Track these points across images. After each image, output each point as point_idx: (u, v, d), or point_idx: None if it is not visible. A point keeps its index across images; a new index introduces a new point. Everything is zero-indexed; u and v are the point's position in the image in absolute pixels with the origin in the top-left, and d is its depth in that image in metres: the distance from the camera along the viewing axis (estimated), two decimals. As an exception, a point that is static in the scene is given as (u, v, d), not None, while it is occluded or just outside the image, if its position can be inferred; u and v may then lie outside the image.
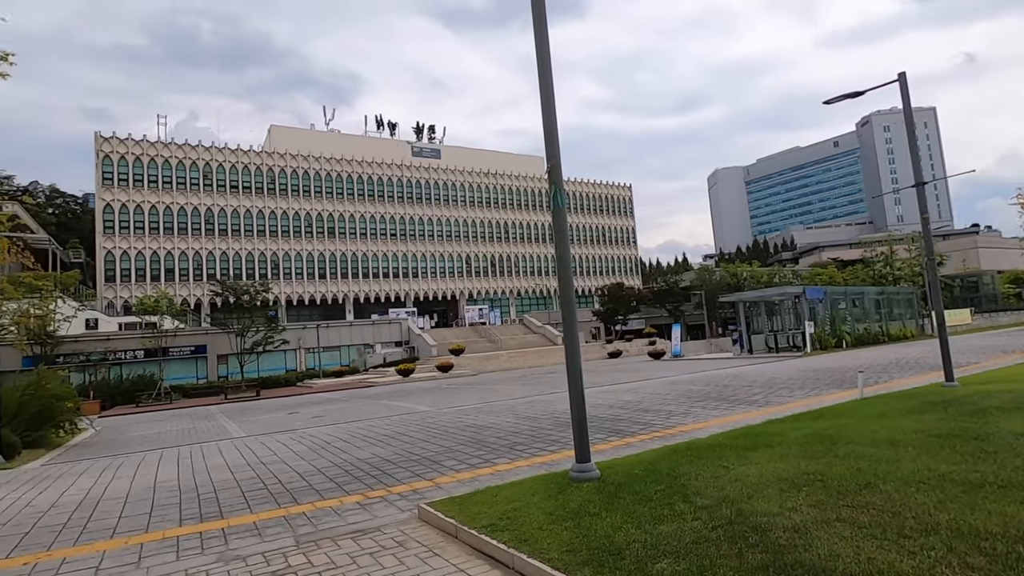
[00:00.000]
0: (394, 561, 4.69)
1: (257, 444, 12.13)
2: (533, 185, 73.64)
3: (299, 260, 58.46)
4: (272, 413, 20.32)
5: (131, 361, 38.35)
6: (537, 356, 43.53)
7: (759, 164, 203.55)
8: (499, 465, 8.04)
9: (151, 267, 52.16)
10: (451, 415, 14.37)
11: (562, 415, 12.51)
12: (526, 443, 9.49)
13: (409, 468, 8.27)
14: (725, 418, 10.29)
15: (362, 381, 35.26)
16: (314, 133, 64.60)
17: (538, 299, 71.37)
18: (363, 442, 11.02)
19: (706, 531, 3.96)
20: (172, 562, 5.08)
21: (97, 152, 51.34)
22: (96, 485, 8.80)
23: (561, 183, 6.28)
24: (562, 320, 6.30)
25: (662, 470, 5.71)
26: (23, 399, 14.00)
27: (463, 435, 10.86)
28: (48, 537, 6.06)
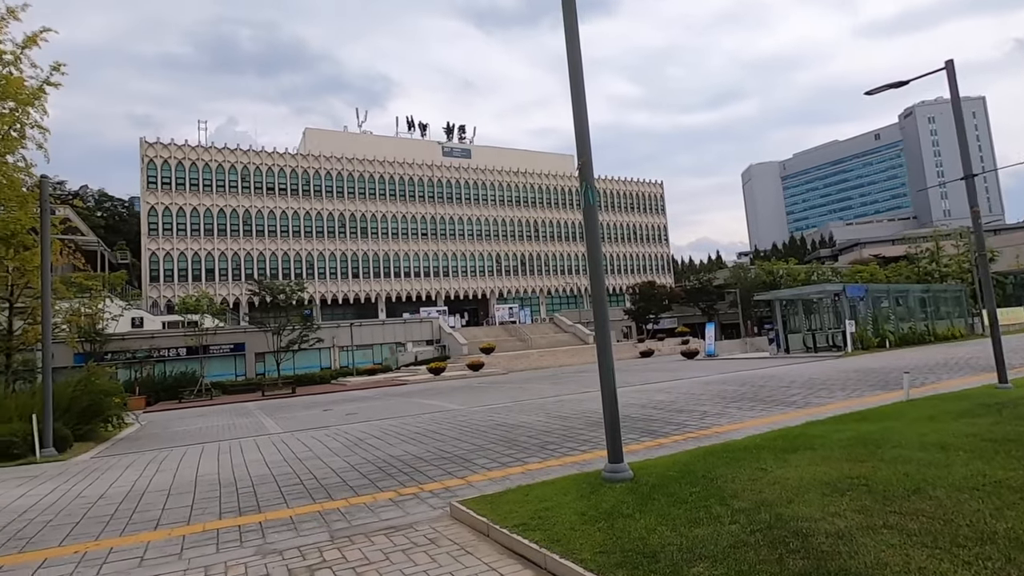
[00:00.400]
0: (426, 559, 4.70)
1: (293, 440, 12.38)
2: (563, 183, 73.33)
3: (333, 260, 59.54)
4: (307, 410, 20.73)
5: (174, 358, 39.69)
6: (567, 355, 43.34)
7: (795, 159, 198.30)
8: (530, 464, 8.01)
9: (192, 268, 53.88)
10: (482, 413, 14.41)
11: (593, 414, 12.40)
12: (557, 442, 9.44)
13: (441, 466, 8.31)
14: (762, 419, 10.03)
15: (394, 379, 35.69)
16: (347, 135, 65.68)
17: (568, 298, 71.07)
18: (395, 439, 11.13)
19: (744, 535, 3.85)
20: (212, 554, 5.21)
21: (142, 157, 53.28)
22: (141, 478, 9.11)
23: (592, 180, 6.20)
24: (594, 318, 6.23)
25: (697, 472, 5.59)
26: (74, 394, 14.61)
27: (494, 433, 10.87)
28: (96, 527, 6.29)
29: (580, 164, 6.21)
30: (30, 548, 5.72)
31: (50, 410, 12.42)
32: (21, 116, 13.68)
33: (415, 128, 69.18)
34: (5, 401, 13.80)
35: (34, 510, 7.29)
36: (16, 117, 13.73)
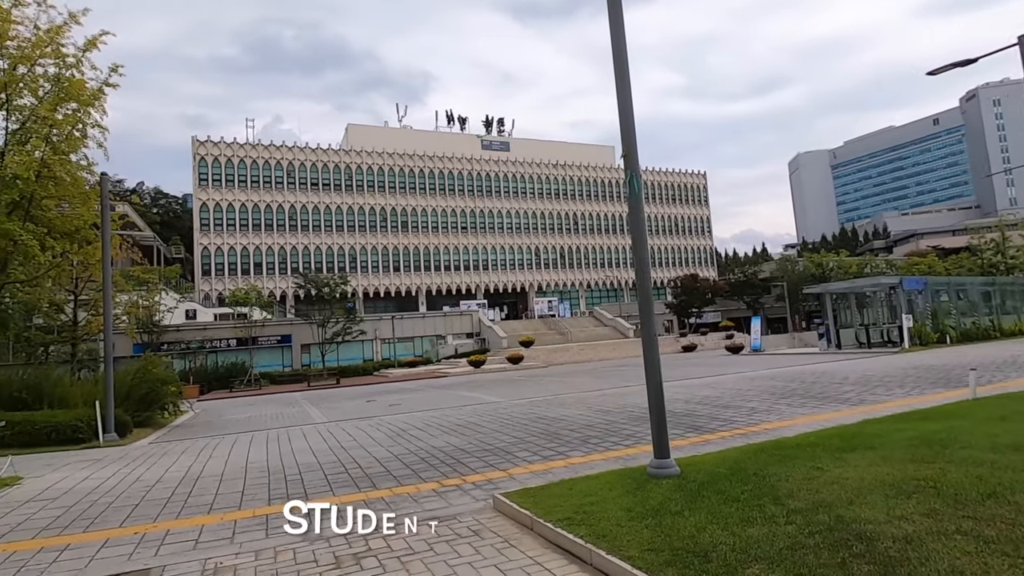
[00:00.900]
0: (470, 550, 4.68)
1: (338, 430, 12.63)
2: (603, 175, 72.47)
3: (375, 254, 60.60)
4: (351, 401, 21.16)
5: (225, 349, 41.20)
6: (608, 349, 42.91)
7: (847, 147, 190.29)
8: (573, 458, 7.92)
9: (241, 261, 55.77)
10: (523, 406, 14.38)
11: (636, 409, 12.20)
12: (600, 436, 9.31)
13: (483, 458, 8.31)
14: (813, 416, 9.65)
15: (435, 372, 36.08)
16: (388, 130, 66.57)
17: (608, 291, 70.34)
18: (437, 431, 11.22)
19: (802, 537, 3.67)
20: (262, 539, 5.33)
21: (194, 155, 55.36)
22: (195, 463, 9.45)
23: (637, 169, 6.04)
24: (640, 311, 6.08)
25: (748, 469, 5.39)
26: (133, 382, 15.30)
27: (535, 427, 10.82)
28: (154, 510, 6.54)
29: (624, 153, 6.04)
30: (94, 528, 5.99)
31: (111, 397, 13.02)
32: (83, 116, 14.33)
33: (454, 122, 69.53)
34: (71, 389, 14.57)
35: (97, 492, 7.65)
36: (78, 118, 14.38)
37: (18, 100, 13.77)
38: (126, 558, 5.03)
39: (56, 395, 13.99)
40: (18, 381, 14.04)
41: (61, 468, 9.76)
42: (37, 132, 13.41)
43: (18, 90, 13.49)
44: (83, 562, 4.99)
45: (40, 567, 4.93)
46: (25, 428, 12.14)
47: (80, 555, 5.15)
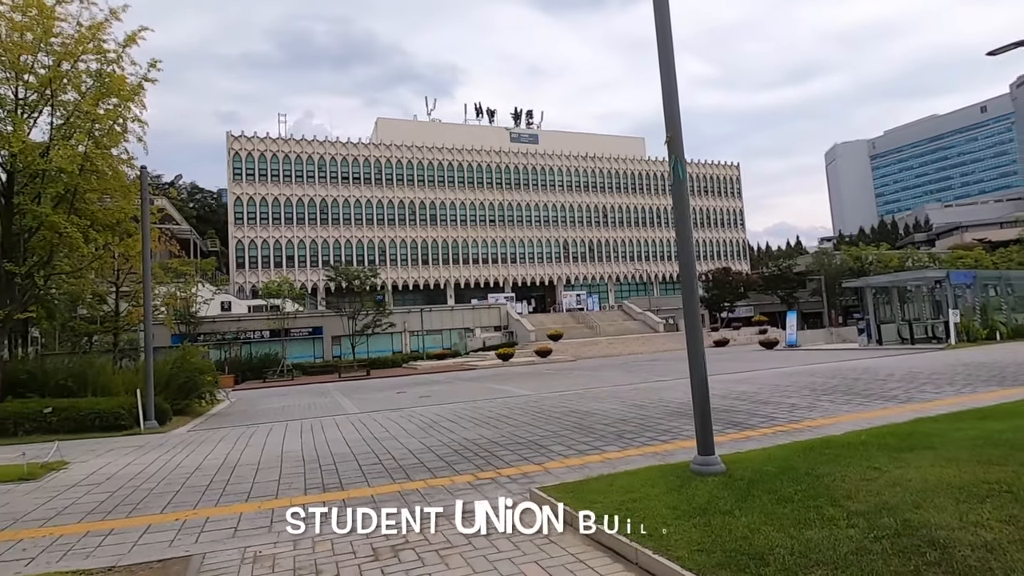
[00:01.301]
0: (509, 545, 4.57)
1: (370, 420, 12.69)
2: (633, 167, 71.49)
3: (403, 247, 61.03)
4: (382, 392, 21.33)
5: (258, 340, 42.06)
6: (638, 343, 42.43)
7: (887, 136, 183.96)
8: (608, 453, 7.75)
9: (274, 254, 56.80)
10: (553, 400, 14.24)
11: (671, 403, 11.94)
12: (635, 431, 9.11)
13: (516, 451, 8.20)
14: (859, 414, 9.27)
15: (463, 364, 36.18)
16: (417, 124, 66.80)
17: (638, 285, 69.50)
18: (469, 423, 11.16)
19: (867, 541, 3.44)
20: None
21: (228, 150, 56.50)
22: (233, 451, 9.57)
23: (682, 153, 5.79)
24: (683, 302, 5.86)
25: (798, 468, 5.14)
26: (172, 371, 15.67)
27: (568, 420, 10.67)
28: (194, 497, 6.61)
29: (668, 137, 5.81)
30: (136, 513, 6.07)
31: (151, 386, 13.33)
32: (123, 111, 14.64)
33: (483, 115, 69.34)
34: (113, 377, 14.99)
35: (139, 478, 7.79)
36: (119, 112, 14.70)
37: (62, 96, 14.13)
38: (167, 544, 5.07)
39: (99, 383, 14.41)
40: (64, 369, 14.51)
41: (104, 454, 10.00)
42: (80, 127, 13.75)
43: (62, 86, 13.83)
44: (126, 547, 5.05)
45: (86, 551, 5.00)
46: (71, 414, 12.52)
47: (123, 540, 5.21)
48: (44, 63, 13.78)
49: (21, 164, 13.20)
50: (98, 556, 4.87)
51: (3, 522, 5.93)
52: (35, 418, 12.31)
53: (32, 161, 12.87)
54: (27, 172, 13.43)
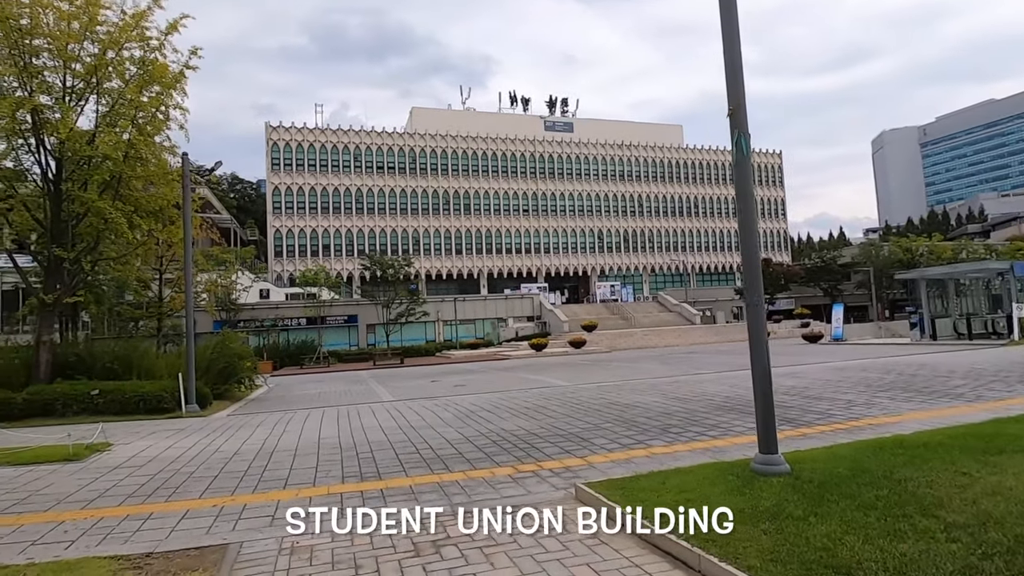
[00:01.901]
0: (557, 545, 4.29)
1: (405, 408, 12.59)
2: (670, 156, 69.90)
3: (437, 236, 61.19)
4: (416, 380, 21.32)
5: (296, 328, 42.79)
6: (674, 335, 41.58)
7: (939, 123, 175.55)
8: (654, 447, 7.40)
9: (311, 243, 57.68)
10: (591, 391, 13.89)
11: (715, 397, 11.47)
12: (681, 425, 8.71)
13: (557, 443, 7.91)
14: (925, 412, 8.66)
15: (496, 354, 36.06)
16: (451, 113, 66.65)
17: (673, 276, 68.17)
18: (506, 413, 10.92)
19: (975, 559, 3.02)
20: (337, 509, 5.15)
21: (267, 140, 57.45)
22: (270, 437, 9.56)
23: (745, 127, 5.35)
24: (745, 287, 5.44)
25: (874, 471, 4.70)
26: (212, 356, 15.90)
27: (608, 412, 10.32)
28: (231, 482, 6.54)
29: (731, 109, 5.37)
30: (175, 498, 6.02)
31: (192, 370, 13.52)
32: (165, 99, 14.79)
33: (517, 103, 68.70)
34: (156, 361, 15.29)
35: (179, 461, 7.79)
36: (161, 100, 14.87)
37: (107, 83, 14.34)
38: (204, 531, 4.96)
39: (143, 366, 14.71)
40: (110, 353, 14.85)
41: (147, 436, 10.13)
42: (124, 114, 13.93)
43: (107, 74, 14.03)
44: (165, 532, 4.96)
45: (124, 535, 4.93)
46: (116, 397, 12.78)
47: (162, 525, 5.13)
48: (90, 51, 14.00)
49: (69, 151, 13.47)
50: (136, 541, 4.78)
51: (47, 503, 5.95)
52: (83, 400, 12.61)
53: (79, 148, 13.11)
54: (74, 159, 13.70)
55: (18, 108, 12.70)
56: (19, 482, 6.86)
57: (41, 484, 6.73)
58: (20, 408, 12.28)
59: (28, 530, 5.11)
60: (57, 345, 15.14)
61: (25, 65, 13.03)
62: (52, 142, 13.69)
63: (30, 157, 13.66)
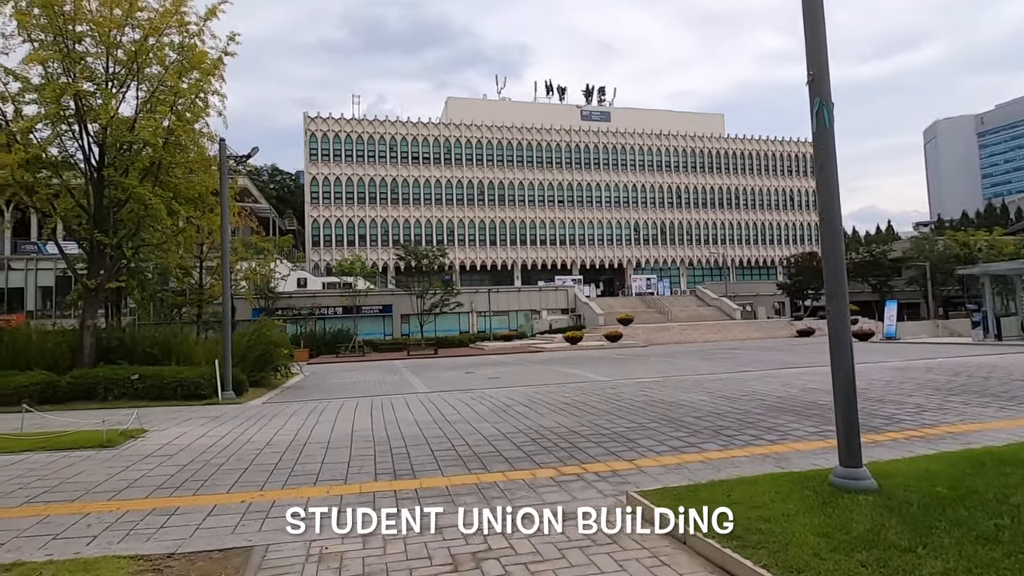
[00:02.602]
0: (612, 564, 3.81)
1: (440, 401, 12.27)
2: (710, 146, 67.89)
3: (471, 227, 60.97)
4: (450, 371, 21.07)
5: (332, 316, 43.20)
6: (713, 330, 40.37)
7: (998, 111, 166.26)
8: (709, 452, 6.83)
9: (347, 233, 58.24)
10: (632, 387, 13.31)
11: (767, 397, 10.76)
12: (734, 428, 8.10)
13: (601, 444, 7.41)
14: (1011, 421, 7.83)
15: (530, 346, 35.64)
16: (487, 103, 66.14)
17: (712, 269, 66.38)
18: (545, 409, 10.47)
19: None
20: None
21: (305, 130, 58.12)
22: (303, 427, 9.34)
23: (828, 96, 4.72)
24: (825, 277, 4.83)
25: (983, 493, 4.06)
26: (249, 344, 15.91)
27: (653, 411, 9.75)
28: (261, 476, 6.26)
29: (811, 77, 4.74)
30: (203, 491, 5.77)
31: (229, 357, 13.49)
32: (204, 85, 14.74)
33: (553, 92, 67.69)
34: (195, 347, 15.38)
35: (211, 451, 7.60)
36: (200, 86, 14.83)
37: (148, 69, 14.37)
38: (230, 530, 4.66)
39: (182, 352, 14.80)
40: (150, 338, 14.99)
41: (182, 423, 10.05)
42: (164, 100, 13.92)
43: (148, 60, 14.03)
44: (189, 530, 4.68)
45: (148, 531, 4.67)
46: (155, 382, 12.85)
47: (187, 522, 4.86)
48: (131, 37, 14.02)
49: (111, 137, 13.54)
50: (160, 539, 4.51)
51: (76, 492, 5.78)
52: (123, 384, 12.71)
53: (120, 135, 13.15)
54: (116, 145, 13.78)
55: (62, 94, 12.80)
56: (51, 468, 6.76)
57: (72, 471, 6.60)
58: (64, 391, 12.45)
59: (53, 521, 4.91)
60: (102, 330, 15.37)
61: (68, 51, 13.11)
62: (95, 128, 13.80)
63: (74, 144, 13.80)
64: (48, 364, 13.44)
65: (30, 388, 12.15)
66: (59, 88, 12.66)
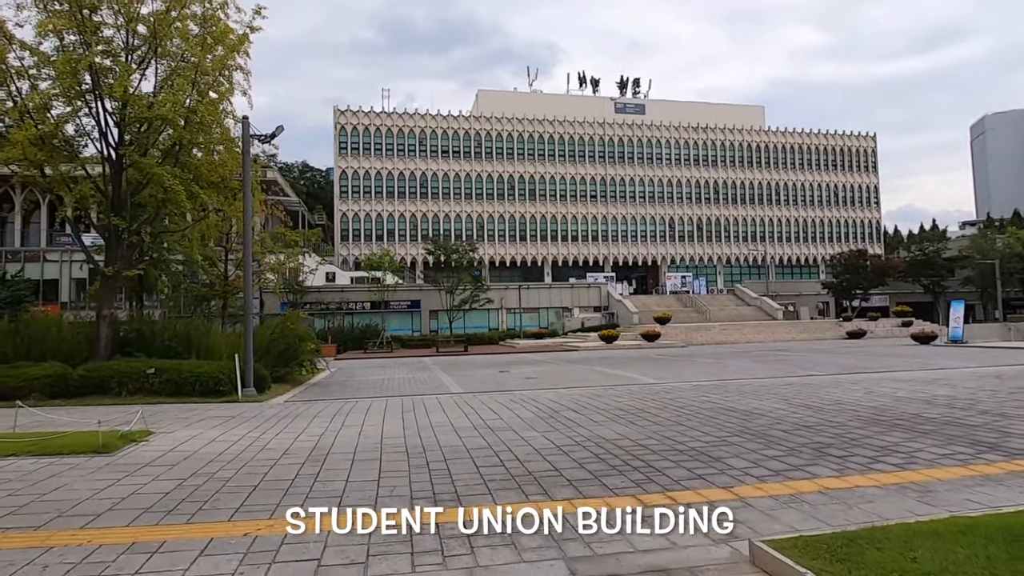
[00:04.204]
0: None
1: (477, 403, 11.08)
2: (750, 139, 65.34)
3: (501, 222, 59.79)
4: (483, 369, 19.93)
5: (360, 312, 42.54)
6: (754, 331, 38.40)
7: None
8: (824, 479, 5.46)
9: (376, 228, 57.65)
10: (690, 392, 11.91)
11: (857, 407, 9.28)
12: (838, 446, 6.70)
13: (680, 463, 6.10)
14: None
15: (563, 344, 34.30)
16: (518, 95, 64.79)
17: (750, 268, 63.91)
18: (598, 415, 9.17)
19: None
20: (406, 573, 3.58)
21: (335, 124, 57.70)
22: (327, 432, 8.24)
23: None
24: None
25: None
26: (273, 338, 14.99)
27: (726, 421, 8.38)
28: (273, 497, 5.12)
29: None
30: (200, 517, 4.65)
31: (251, 351, 12.55)
32: (228, 61, 13.82)
33: (586, 84, 65.95)
34: (217, 340, 14.50)
35: (219, 461, 6.52)
36: (224, 63, 13.91)
37: (169, 43, 13.50)
38: (224, 582, 3.50)
39: (203, 346, 13.93)
40: (170, 330, 14.16)
41: (195, 424, 9.06)
42: (185, 75, 13.01)
43: (169, 32, 13.15)
44: (172, 578, 3.54)
45: (119, 578, 3.54)
46: (172, 376, 11.96)
47: (172, 564, 3.73)
48: (152, 8, 13.17)
49: (131, 115, 12.70)
50: (130, 593, 3.38)
51: (46, 515, 4.71)
52: (138, 378, 11.87)
53: (138, 111, 12.29)
54: (135, 124, 12.94)
55: (77, 66, 11.95)
56: (30, 480, 5.75)
57: (52, 485, 5.57)
58: (75, 385, 11.65)
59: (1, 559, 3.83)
60: (121, 322, 14.61)
61: (83, 20, 12.27)
62: (113, 106, 12.97)
63: (91, 121, 13.00)
64: (65, 356, 12.69)
65: (40, 381, 11.38)
66: (74, 60, 11.82)
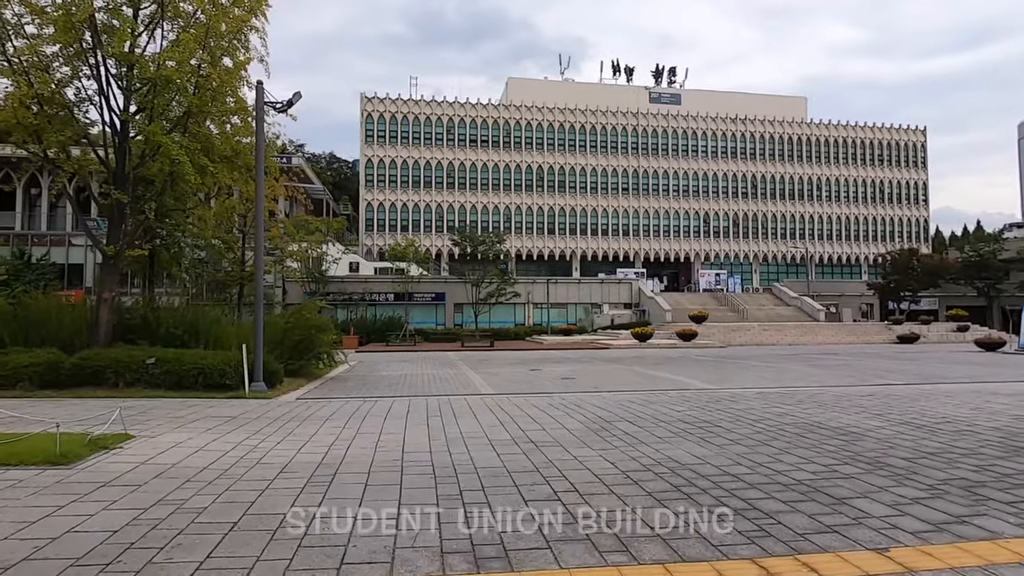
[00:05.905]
0: None
1: (512, 407, 9.67)
2: (792, 131, 62.55)
3: (529, 214, 58.28)
4: (512, 367, 18.55)
5: (383, 303, 41.58)
6: (796, 332, 36.31)
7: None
8: (1012, 541, 3.88)
9: (401, 218, 56.67)
10: (756, 401, 10.31)
11: (976, 428, 7.62)
12: (995, 486, 5.10)
13: (793, 504, 4.58)
14: None
15: (594, 342, 32.77)
16: (549, 83, 63.07)
17: (789, 266, 61.27)
18: (660, 429, 7.67)
19: None
20: None
21: (362, 111, 56.79)
22: (337, 442, 6.90)
23: None
24: None
25: None
26: (287, 327, 13.83)
27: (822, 442, 6.80)
28: (252, 546, 3.74)
29: None
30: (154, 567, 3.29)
31: (260, 342, 11.37)
32: (244, 21, 12.60)
33: (620, 73, 63.84)
34: (227, 328, 13.40)
35: (199, 480, 5.21)
36: (239, 26, 12.69)
37: (182, 3, 12.34)
38: None
39: (212, 334, 12.84)
40: (176, 317, 13.06)
41: (187, 425, 7.83)
42: (194, 35, 11.79)
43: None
44: None
45: None
46: (173, 367, 10.83)
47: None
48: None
49: (136, 76, 11.57)
50: None
51: (-62, 563, 3.41)
52: (136, 369, 10.76)
53: (141, 71, 11.12)
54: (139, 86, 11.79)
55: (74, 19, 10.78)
56: (-47, 502, 4.49)
57: (-24, 511, 4.30)
58: (67, 374, 10.57)
59: None
60: (125, 307, 13.58)
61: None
62: (116, 70, 11.84)
63: (92, 84, 11.88)
64: (64, 342, 11.68)
65: (29, 369, 10.33)
66: (75, 5, 10.63)
